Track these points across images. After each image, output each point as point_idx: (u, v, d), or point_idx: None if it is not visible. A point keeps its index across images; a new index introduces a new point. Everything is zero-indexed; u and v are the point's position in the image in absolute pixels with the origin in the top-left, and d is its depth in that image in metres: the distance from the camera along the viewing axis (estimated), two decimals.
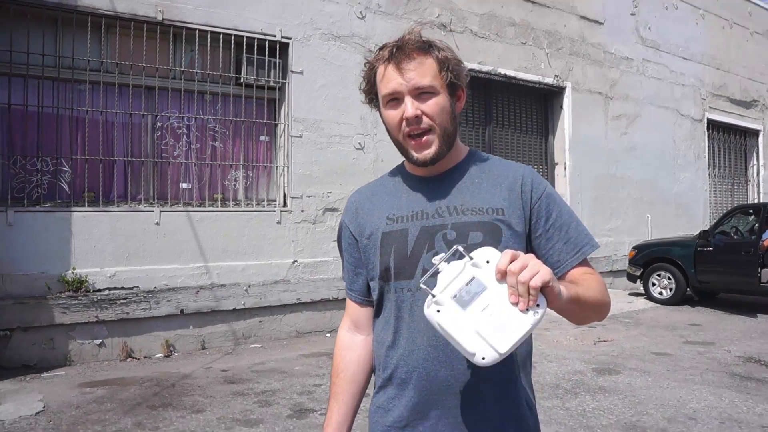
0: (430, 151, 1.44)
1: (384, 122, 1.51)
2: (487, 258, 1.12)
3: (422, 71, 1.41)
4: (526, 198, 1.48)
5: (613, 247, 11.28)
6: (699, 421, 4.47)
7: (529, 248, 1.48)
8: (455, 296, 1.12)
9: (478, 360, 1.11)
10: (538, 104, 10.87)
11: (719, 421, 4.46)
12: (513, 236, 1.43)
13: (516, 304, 1.12)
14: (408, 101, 1.42)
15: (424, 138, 1.43)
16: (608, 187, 11.27)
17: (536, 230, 1.47)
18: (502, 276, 1.12)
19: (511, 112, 10.48)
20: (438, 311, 1.13)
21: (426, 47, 1.44)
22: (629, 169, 11.66)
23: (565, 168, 10.69)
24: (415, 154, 1.45)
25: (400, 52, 1.43)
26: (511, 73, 9.87)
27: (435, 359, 1.42)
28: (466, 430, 1.42)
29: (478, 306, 1.11)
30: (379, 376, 1.55)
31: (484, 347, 1.11)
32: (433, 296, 1.13)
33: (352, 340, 1.64)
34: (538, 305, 1.10)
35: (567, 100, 10.71)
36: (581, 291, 1.34)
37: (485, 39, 9.55)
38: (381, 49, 1.48)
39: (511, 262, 1.12)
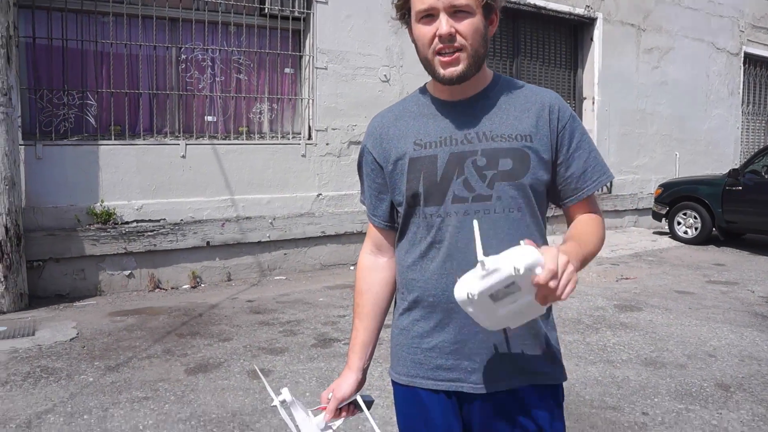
0: (457, 69, 1.41)
1: (413, 39, 1.47)
2: (529, 265, 1.13)
3: None
4: (553, 125, 1.48)
5: (639, 185, 11.12)
6: (718, 358, 4.48)
7: (553, 173, 1.50)
8: (492, 295, 1.16)
9: (487, 327, 1.25)
10: (568, 36, 10.56)
11: (739, 359, 4.47)
12: (540, 163, 1.44)
13: (551, 301, 1.19)
14: (443, 18, 1.38)
15: (455, 54, 1.40)
16: (637, 123, 11.02)
17: (558, 157, 1.49)
18: (539, 287, 1.15)
19: (540, 45, 10.21)
20: (470, 298, 1.16)
21: None
22: (659, 105, 11.36)
23: (593, 102, 10.46)
24: (442, 71, 1.42)
25: None
26: (540, 2, 9.56)
27: None
28: (489, 340, 1.45)
29: (507, 300, 1.17)
30: (404, 299, 1.56)
31: (498, 325, 1.23)
32: (472, 295, 1.16)
33: (376, 261, 1.65)
34: None
35: (598, 32, 10.37)
36: (585, 252, 1.40)
37: None
38: None
39: (551, 277, 1.13)
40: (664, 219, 10.06)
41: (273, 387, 1.53)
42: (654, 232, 10.67)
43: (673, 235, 9.90)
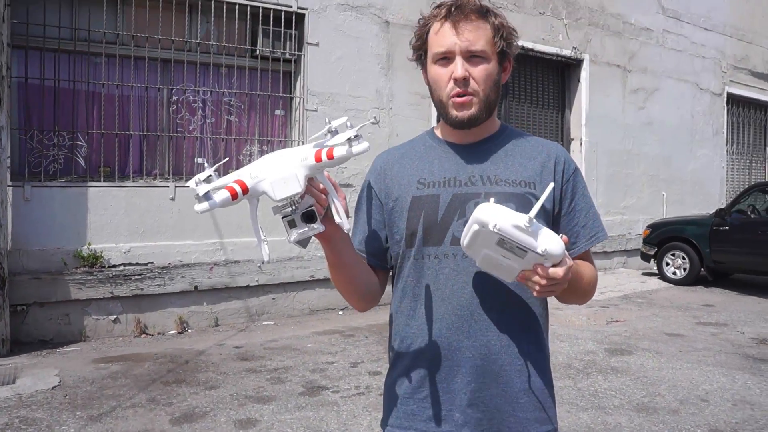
0: (469, 112, 1.44)
1: (428, 80, 1.51)
2: (554, 256, 1.20)
3: (477, 35, 1.42)
4: (558, 176, 1.50)
5: (627, 226, 11.15)
6: (711, 403, 4.45)
7: (551, 224, 1.50)
8: (502, 240, 1.21)
9: (464, 249, 1.30)
10: (555, 77, 10.68)
11: (732, 403, 4.44)
12: (541, 212, 1.43)
13: (527, 286, 1.26)
14: (459, 61, 1.42)
15: (467, 97, 1.43)
16: (624, 163, 11.11)
17: (561, 209, 1.51)
18: (543, 277, 1.21)
19: (528, 86, 10.31)
20: (490, 227, 1.20)
21: (483, 11, 1.45)
22: (645, 145, 11.48)
23: (581, 143, 10.53)
24: (454, 113, 1.45)
25: (458, 11, 1.43)
26: (528, 44, 9.67)
27: (458, 329, 1.43)
28: (483, 390, 1.43)
29: (504, 252, 1.23)
30: (395, 347, 1.53)
31: (473, 255, 1.29)
32: (493, 227, 1.20)
33: None
34: None
35: (585, 73, 10.52)
36: (580, 281, 1.45)
37: (503, 9, 9.25)
38: (438, 6, 1.47)
39: (551, 278, 1.21)
40: (652, 260, 10.06)
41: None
42: (643, 273, 10.68)
43: (662, 275, 9.90)
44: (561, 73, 10.70)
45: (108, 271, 6.14)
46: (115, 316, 6.23)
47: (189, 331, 6.58)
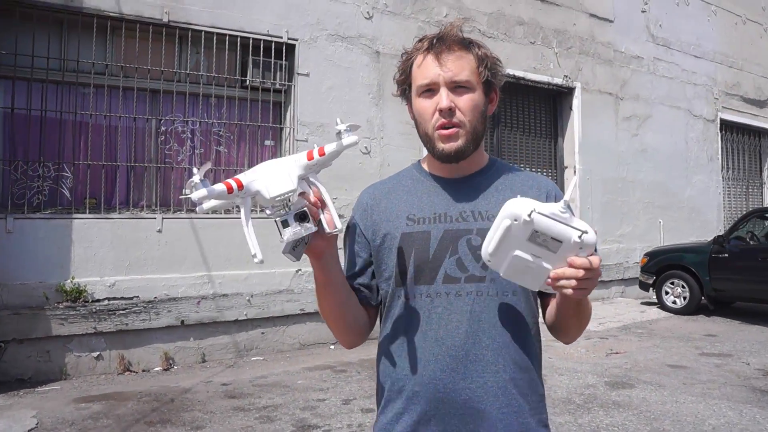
0: (456, 144, 1.43)
1: (413, 115, 1.51)
2: (590, 242, 1.19)
3: (461, 65, 1.43)
4: None
5: (624, 254, 11.05)
6: None
7: None
8: (536, 232, 1.19)
9: (486, 254, 1.27)
10: (547, 105, 10.67)
11: None
12: None
13: (557, 289, 1.22)
14: (443, 92, 1.42)
15: (453, 129, 1.42)
16: (619, 191, 11.06)
17: None
18: (580, 267, 1.19)
19: (520, 114, 10.29)
20: (527, 216, 1.18)
21: (466, 43, 1.46)
22: (640, 172, 11.44)
23: (574, 171, 10.46)
24: (441, 146, 1.44)
25: (440, 43, 1.44)
26: (519, 73, 9.68)
27: (453, 370, 1.40)
28: None
29: (535, 250, 1.20)
30: (386, 391, 1.48)
31: (498, 262, 1.25)
32: (528, 217, 1.18)
33: None
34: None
35: (576, 101, 10.51)
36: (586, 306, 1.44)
37: (493, 39, 9.36)
38: (420, 40, 1.49)
39: (587, 267, 1.18)
40: (651, 289, 9.93)
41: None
42: (642, 303, 10.53)
43: (662, 305, 9.75)
44: (553, 102, 10.70)
45: (92, 305, 5.96)
46: (98, 353, 6.04)
47: (175, 367, 6.38)
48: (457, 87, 1.42)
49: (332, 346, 7.29)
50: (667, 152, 11.96)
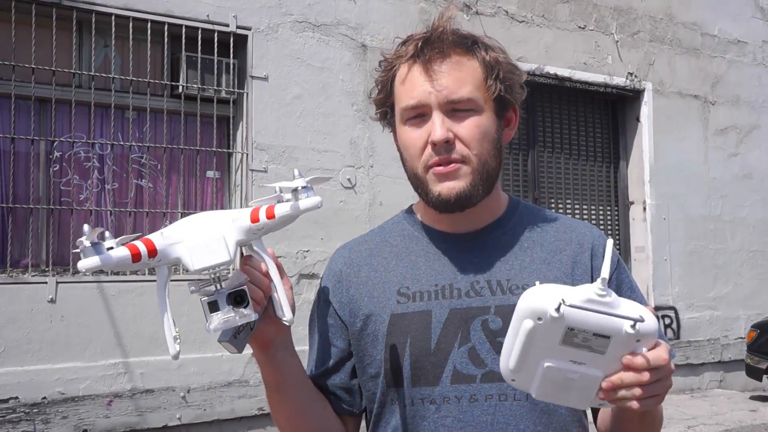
0: (457, 185, 1.43)
1: (398, 146, 1.54)
2: (650, 331, 1.18)
3: (460, 77, 1.42)
4: (597, 275, 1.40)
5: (721, 326, 10.89)
6: None
7: None
8: (572, 330, 1.17)
9: (505, 375, 1.26)
10: (604, 116, 10.71)
11: None
12: None
13: (617, 403, 1.20)
14: (437, 119, 1.41)
15: (452, 166, 1.42)
16: (710, 235, 10.96)
17: None
18: (642, 369, 1.16)
19: (564, 129, 10.30)
20: (554, 310, 1.15)
21: (468, 43, 1.45)
22: (742, 208, 11.37)
23: (644, 209, 10.42)
24: (436, 189, 1.44)
25: (430, 47, 1.43)
26: (563, 71, 9.70)
27: None
28: None
29: (573, 354, 1.19)
30: None
31: (524, 381, 1.24)
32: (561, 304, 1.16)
33: None
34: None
35: (646, 109, 10.49)
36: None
37: (526, 24, 9.41)
38: (404, 42, 1.50)
39: (653, 367, 1.15)
40: (766, 377, 9.80)
41: None
42: (752, 397, 10.33)
43: None
44: (612, 110, 10.75)
45: None
46: None
47: None
48: (455, 109, 1.43)
49: None
50: None
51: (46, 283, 6.36)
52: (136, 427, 6.55)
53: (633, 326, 1.14)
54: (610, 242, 1.25)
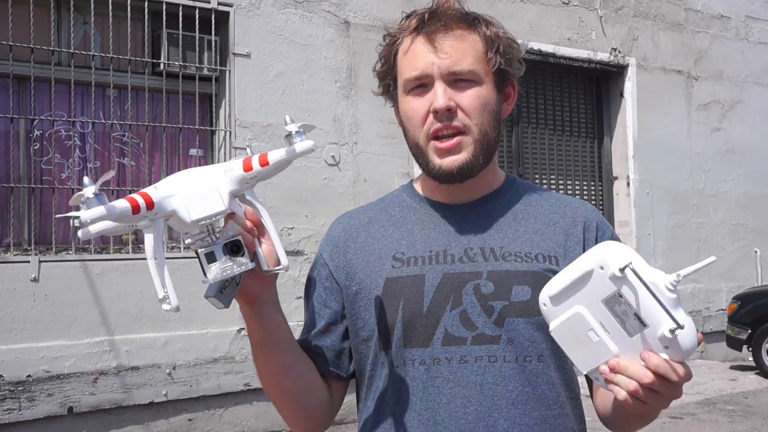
0: (459, 158, 1.46)
1: (400, 118, 1.56)
2: (687, 328, 1.18)
3: (463, 49, 1.46)
4: (589, 247, 1.44)
5: (703, 298, 11.01)
6: None
7: None
8: (618, 299, 1.19)
9: (541, 298, 1.30)
10: (588, 92, 10.74)
11: None
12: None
13: (611, 388, 1.23)
14: (439, 88, 1.44)
15: (455, 139, 1.45)
16: (693, 209, 11.06)
17: None
18: (653, 370, 1.17)
19: (549, 105, 10.33)
20: (618, 271, 1.18)
21: (470, 19, 1.50)
22: (724, 182, 11.46)
23: (628, 184, 10.49)
24: (437, 161, 1.47)
25: (433, 20, 1.47)
26: (547, 47, 9.71)
27: None
28: None
29: (608, 322, 1.22)
30: None
31: (552, 313, 1.28)
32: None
33: None
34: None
35: (630, 84, 10.54)
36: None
37: (512, 0, 9.40)
38: (408, 16, 1.52)
39: (679, 381, 1.18)
40: (745, 347, 9.93)
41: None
42: (732, 367, 10.49)
43: (762, 370, 9.75)
44: (596, 86, 10.79)
45: None
46: None
47: None
48: (458, 80, 1.45)
49: None
50: (765, 152, 11.96)
51: (28, 262, 6.35)
52: (122, 404, 6.58)
53: (672, 331, 1.14)
54: (709, 260, 1.25)
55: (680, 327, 1.15)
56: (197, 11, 7.22)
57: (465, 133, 1.46)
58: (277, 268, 1.36)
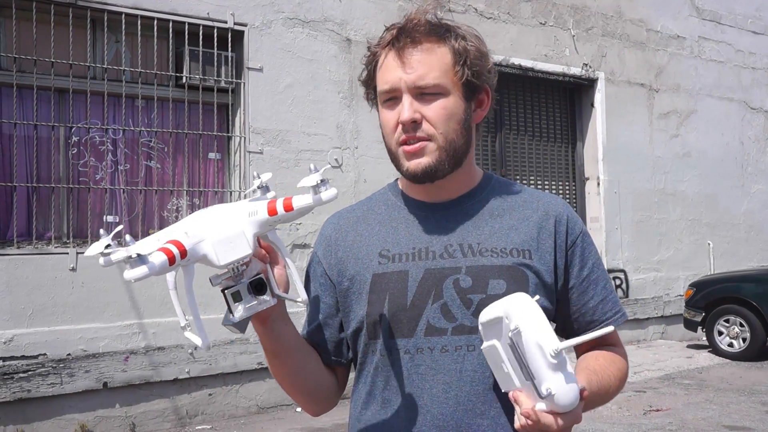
0: (423, 161, 1.43)
1: (380, 125, 1.53)
2: (557, 394, 1.22)
3: (429, 63, 1.41)
4: (560, 240, 1.52)
5: (664, 285, 11.08)
6: None
7: (556, 301, 1.53)
8: (516, 348, 1.24)
9: (480, 321, 1.35)
10: (563, 102, 10.80)
11: None
12: (540, 287, 1.46)
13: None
14: (406, 101, 1.42)
15: (419, 144, 1.43)
16: (655, 206, 11.14)
17: (569, 280, 1.52)
18: (531, 416, 1.24)
19: (528, 114, 10.39)
20: (504, 319, 1.25)
21: (441, 32, 1.44)
22: (682, 182, 11.55)
23: (598, 184, 10.58)
24: (405, 164, 1.46)
25: (404, 36, 1.42)
26: (527, 62, 9.77)
27: None
28: None
29: (511, 361, 1.27)
30: None
31: (484, 336, 1.34)
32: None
33: None
34: None
35: (599, 95, 10.62)
36: (601, 397, 1.48)
37: (493, 20, 9.46)
38: (387, 29, 1.48)
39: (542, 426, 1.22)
40: (700, 328, 9.96)
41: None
42: (688, 346, 10.55)
43: (715, 348, 9.77)
44: (570, 97, 10.84)
45: None
46: None
47: None
48: (423, 93, 1.42)
49: (299, 409, 7.21)
50: (716, 156, 12.06)
51: (67, 253, 6.42)
52: (150, 380, 6.65)
53: (546, 392, 1.19)
54: (598, 332, 1.29)
55: (551, 393, 1.20)
56: (216, 30, 7.27)
57: (430, 140, 1.43)
58: (296, 299, 1.37)
